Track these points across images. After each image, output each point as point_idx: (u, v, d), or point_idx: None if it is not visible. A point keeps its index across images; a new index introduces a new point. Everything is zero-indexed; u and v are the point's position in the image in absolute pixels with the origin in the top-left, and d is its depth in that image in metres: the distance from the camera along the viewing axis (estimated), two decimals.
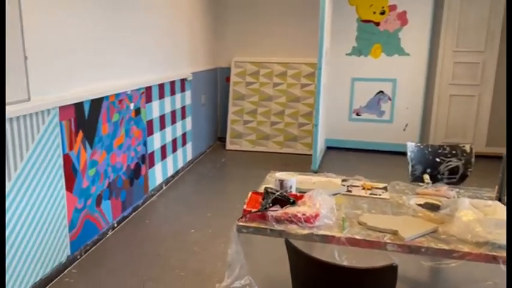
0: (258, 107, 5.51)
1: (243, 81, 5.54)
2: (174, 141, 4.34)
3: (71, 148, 2.64)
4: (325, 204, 1.74)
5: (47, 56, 2.40)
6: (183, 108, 4.51)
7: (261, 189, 1.94)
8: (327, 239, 1.64)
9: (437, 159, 2.67)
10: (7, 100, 2.08)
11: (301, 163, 4.96)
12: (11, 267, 2.18)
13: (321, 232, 1.65)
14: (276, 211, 1.69)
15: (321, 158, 5.04)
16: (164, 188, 4.13)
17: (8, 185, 2.13)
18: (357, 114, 5.44)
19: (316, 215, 1.68)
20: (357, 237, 1.63)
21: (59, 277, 2.57)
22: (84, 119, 2.76)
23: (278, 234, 1.65)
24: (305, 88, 5.38)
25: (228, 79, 5.65)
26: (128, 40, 3.32)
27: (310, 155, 4.76)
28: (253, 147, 5.53)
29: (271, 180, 2.20)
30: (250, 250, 1.81)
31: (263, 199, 1.79)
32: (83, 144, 2.76)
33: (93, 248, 2.94)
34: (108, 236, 3.13)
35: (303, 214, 1.66)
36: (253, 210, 1.72)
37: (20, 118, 2.19)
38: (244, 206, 1.76)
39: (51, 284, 2.50)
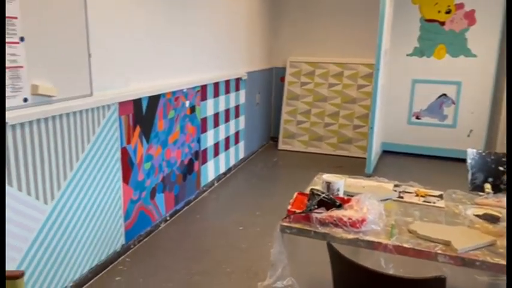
0: (312, 108, 5.46)
1: (298, 81, 5.51)
2: (227, 139, 4.41)
3: (128, 142, 2.77)
4: (373, 210, 1.68)
5: (109, 54, 2.54)
6: (237, 107, 4.57)
7: (307, 191, 1.92)
8: (373, 246, 1.58)
9: (501, 168, 2.49)
10: (72, 95, 2.23)
11: (354, 166, 4.84)
12: (69, 252, 2.33)
13: (367, 238, 1.60)
14: (321, 213, 1.66)
15: (376, 162, 4.89)
16: (216, 184, 4.21)
17: (70, 175, 2.28)
18: (417, 118, 5.21)
19: (363, 220, 1.63)
20: (406, 245, 1.56)
21: (113, 264, 2.71)
22: (141, 115, 2.88)
23: (322, 237, 1.62)
24: (362, 89, 5.24)
25: (282, 79, 5.64)
26: (186, 39, 3.43)
27: (365, 158, 4.63)
28: (306, 148, 5.48)
29: (319, 181, 2.17)
30: (294, 251, 1.79)
31: (308, 200, 1.77)
32: (139, 139, 2.88)
33: (146, 239, 3.06)
34: (160, 228, 3.25)
35: (349, 218, 1.62)
36: (298, 211, 1.70)
37: (83, 112, 2.33)
38: (289, 207, 1.75)
39: (106, 270, 2.64)
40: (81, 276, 2.44)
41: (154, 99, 3.01)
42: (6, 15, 1.80)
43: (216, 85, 4.01)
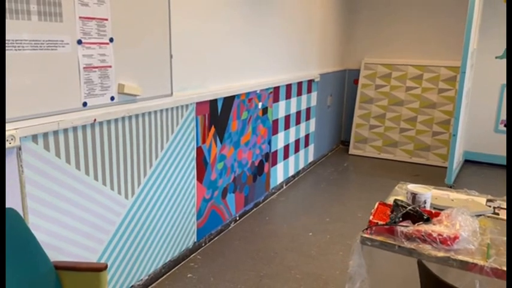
0: (387, 112, 5.21)
1: (372, 83, 5.30)
2: (297, 141, 4.34)
3: (203, 141, 2.81)
4: (466, 226, 1.52)
5: (189, 55, 2.59)
6: (308, 109, 4.49)
7: (390, 201, 1.80)
8: (467, 267, 1.43)
9: None
10: (154, 94, 2.30)
11: (433, 175, 4.55)
12: (146, 246, 2.40)
13: (460, 257, 1.45)
14: (407, 227, 1.54)
15: (457, 172, 4.55)
16: (284, 187, 4.16)
17: (149, 172, 2.35)
18: (505, 126, 4.77)
19: (455, 237, 1.48)
20: (505, 268, 1.39)
21: (185, 261, 2.76)
22: (217, 115, 2.91)
23: (408, 253, 1.50)
24: (443, 93, 4.91)
25: (356, 81, 5.46)
26: (261, 41, 3.42)
27: (445, 167, 4.33)
28: (379, 154, 5.25)
29: (401, 191, 2.03)
30: (372, 264, 1.69)
31: (392, 212, 1.65)
32: (214, 139, 2.92)
33: (216, 238, 3.09)
34: (230, 227, 3.27)
35: (439, 234, 1.48)
36: (381, 222, 1.59)
37: (163, 111, 2.40)
38: (371, 217, 1.64)
39: (178, 266, 2.70)
40: (155, 271, 2.51)
41: (229, 100, 3.03)
42: (98, 17, 1.89)
43: (289, 87, 3.96)
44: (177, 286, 2.49)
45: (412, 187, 1.78)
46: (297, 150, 4.36)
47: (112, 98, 2.04)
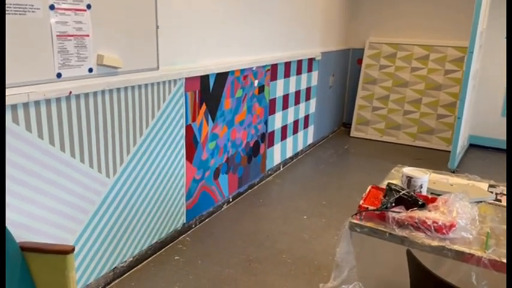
0: (391, 93, 5.04)
1: (377, 63, 5.11)
2: (296, 122, 4.20)
3: (193, 119, 2.68)
4: (464, 213, 1.40)
5: (178, 27, 2.44)
6: (308, 89, 4.33)
7: (383, 185, 1.67)
8: (463, 257, 1.31)
9: None
10: (138, 67, 2.16)
11: (436, 160, 4.40)
12: (130, 227, 2.31)
13: (456, 247, 1.33)
14: (400, 213, 1.42)
15: (461, 156, 4.40)
16: (282, 169, 4.05)
17: (133, 149, 2.24)
18: None
19: (452, 225, 1.36)
20: (505, 260, 1.27)
21: (173, 242, 2.67)
22: (208, 92, 2.78)
23: (399, 241, 1.38)
24: (450, 75, 4.72)
25: (359, 61, 5.27)
26: (258, 15, 3.25)
27: (448, 151, 4.18)
28: (381, 137, 5.11)
29: (398, 175, 1.91)
30: (361, 251, 1.57)
31: (384, 196, 1.53)
32: (205, 117, 2.79)
33: (207, 220, 3.00)
34: (222, 209, 3.17)
35: (434, 221, 1.36)
36: (371, 207, 1.47)
37: (148, 86, 2.26)
38: (361, 202, 1.52)
39: (166, 248, 2.61)
40: (140, 252, 2.42)
41: (222, 77, 2.88)
42: None
43: (288, 65, 3.80)
44: (162, 268, 2.41)
45: (408, 170, 1.65)
46: (295, 131, 4.22)
47: (90, 70, 1.90)
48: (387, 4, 5.02)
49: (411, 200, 1.48)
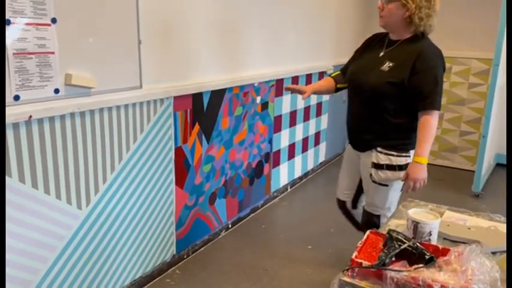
0: None
1: None
2: (305, 140, 3.93)
3: (184, 141, 2.46)
4: (481, 275, 1.11)
5: (165, 41, 2.23)
6: (319, 105, 4.07)
7: (385, 229, 1.39)
8: None
9: None
10: (116, 86, 1.96)
11: (459, 180, 4.05)
12: (108, 262, 2.09)
13: None
14: (401, 272, 1.14)
15: (487, 177, 4.03)
16: (289, 190, 3.78)
17: (110, 177, 2.03)
18: None
19: None
20: None
21: (160, 277, 2.43)
22: (202, 111, 2.56)
23: None
24: (474, 89, 4.37)
25: None
26: (260, 25, 3.02)
27: (473, 171, 3.83)
28: None
29: (405, 211, 1.62)
30: None
31: (384, 246, 1.25)
32: (198, 138, 2.56)
33: (202, 249, 2.75)
34: (220, 237, 2.92)
35: (443, 286, 1.08)
36: (366, 263, 1.20)
37: (129, 106, 2.05)
38: (354, 254, 1.25)
39: (150, 283, 2.37)
40: None
41: (218, 94, 2.66)
42: None
43: (295, 79, 3.55)
44: None
45: (414, 213, 1.37)
46: (305, 149, 3.95)
47: (56, 91, 1.71)
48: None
49: (416, 253, 1.20)
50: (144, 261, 2.32)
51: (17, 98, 1.57)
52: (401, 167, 1.99)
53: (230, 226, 3.03)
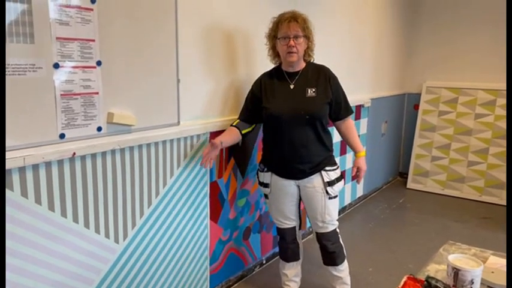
0: (453, 142, 4.56)
1: (436, 109, 4.68)
2: (343, 173, 3.86)
3: (220, 176, 2.49)
4: None
5: (203, 79, 2.31)
6: None
7: (424, 272, 1.33)
8: None
9: None
10: (155, 124, 2.03)
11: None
12: None
13: None
14: None
15: None
16: None
17: (147, 211, 2.07)
18: None
19: None
20: None
21: None
22: (237, 145, 2.59)
23: None
24: (480, 119, 4.18)
25: (416, 107, 4.88)
26: None
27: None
28: (442, 190, 4.58)
29: (445, 256, 1.54)
30: None
31: None
32: (233, 172, 2.59)
33: (235, 285, 2.73)
34: (254, 272, 2.88)
35: None
36: None
37: (167, 142, 2.12)
38: None
39: None
40: None
41: (253, 129, 2.68)
42: (81, 37, 1.67)
43: None
44: None
45: (455, 259, 1.30)
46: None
47: (99, 129, 1.80)
48: (447, 44, 4.64)
49: None
50: None
51: (62, 136, 1.67)
52: (342, 175, 2.36)
53: (264, 262, 2.99)
